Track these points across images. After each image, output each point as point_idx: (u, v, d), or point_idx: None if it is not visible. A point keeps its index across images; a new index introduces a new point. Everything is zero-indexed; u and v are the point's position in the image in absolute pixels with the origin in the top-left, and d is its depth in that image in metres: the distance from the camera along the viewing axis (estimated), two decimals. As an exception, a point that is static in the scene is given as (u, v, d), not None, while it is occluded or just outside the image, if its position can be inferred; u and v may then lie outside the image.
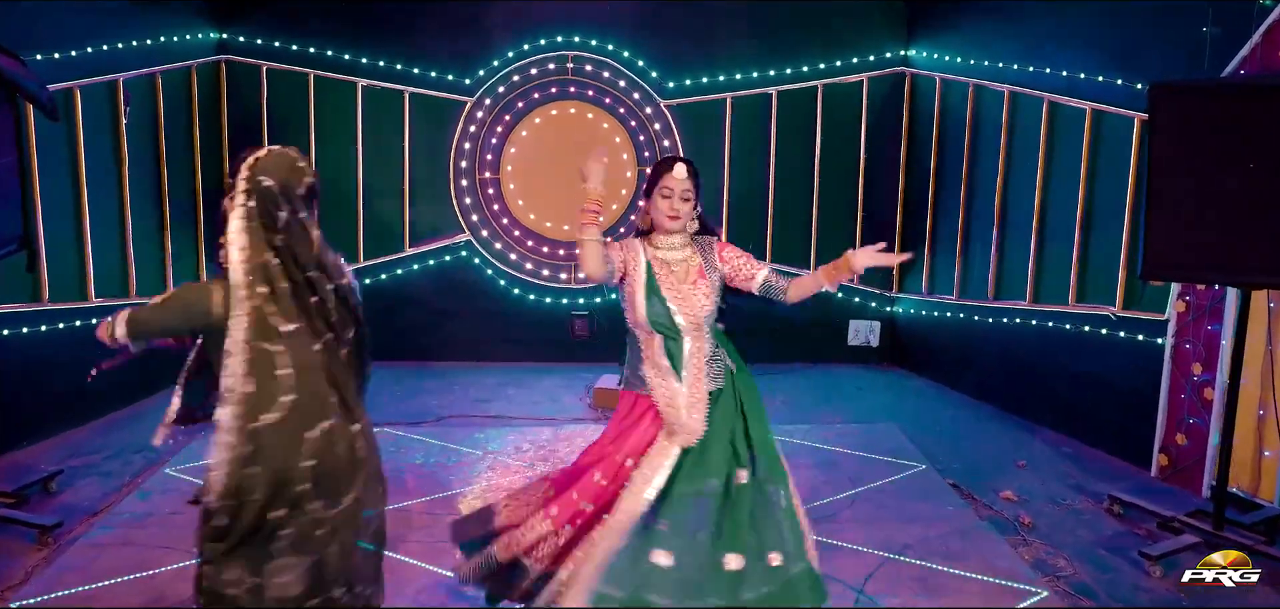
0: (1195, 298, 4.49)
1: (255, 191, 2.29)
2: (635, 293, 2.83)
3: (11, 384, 4.68)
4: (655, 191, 2.90)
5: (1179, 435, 4.59)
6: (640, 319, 2.83)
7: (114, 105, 5.30)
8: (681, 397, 2.78)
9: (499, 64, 6.25)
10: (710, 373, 2.84)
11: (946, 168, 6.12)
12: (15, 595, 3.40)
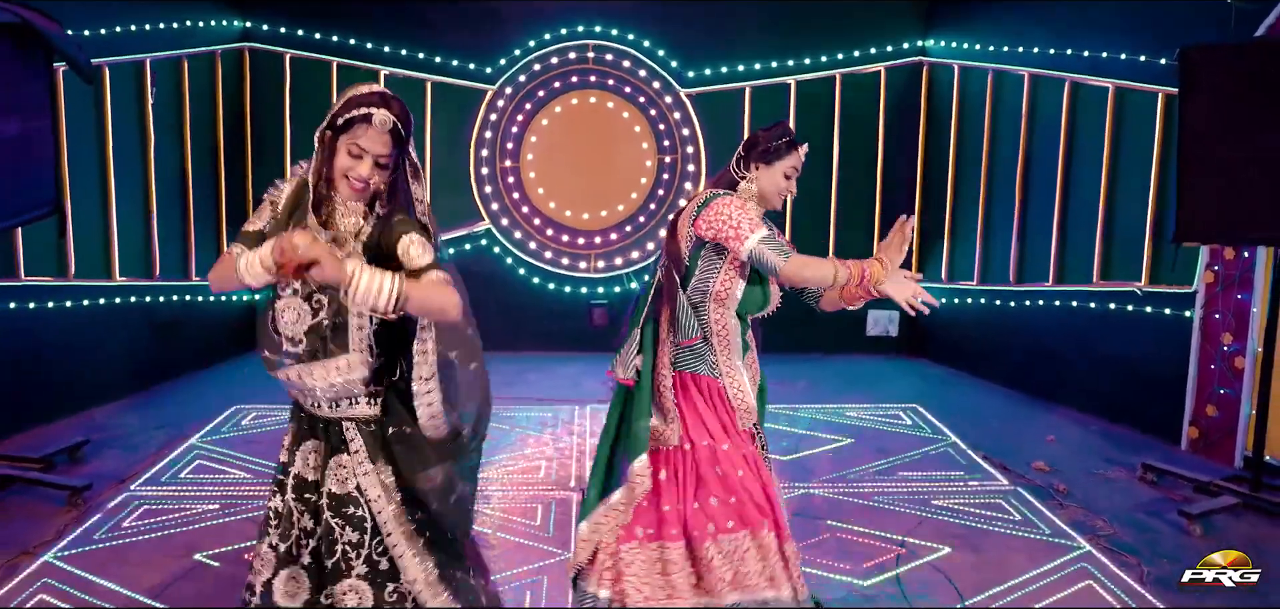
0: (1224, 268, 4.50)
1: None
2: (737, 270, 2.59)
3: (37, 360, 4.65)
4: (777, 164, 2.62)
5: (1209, 407, 4.58)
6: (735, 296, 2.60)
7: (140, 86, 5.32)
8: (745, 378, 2.65)
9: (520, 53, 6.29)
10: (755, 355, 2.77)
11: (965, 155, 6.14)
12: (47, 550, 3.37)
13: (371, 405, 2.21)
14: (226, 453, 4.41)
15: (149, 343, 5.50)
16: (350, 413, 2.20)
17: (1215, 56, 3.82)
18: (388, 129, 2.10)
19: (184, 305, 5.78)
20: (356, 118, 2.11)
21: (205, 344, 5.98)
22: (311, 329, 2.13)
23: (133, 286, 5.34)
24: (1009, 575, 3.29)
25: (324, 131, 2.16)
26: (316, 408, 2.21)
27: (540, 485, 4.14)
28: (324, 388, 2.17)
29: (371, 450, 2.20)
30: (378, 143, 2.12)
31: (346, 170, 2.13)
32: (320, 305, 2.13)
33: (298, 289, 2.12)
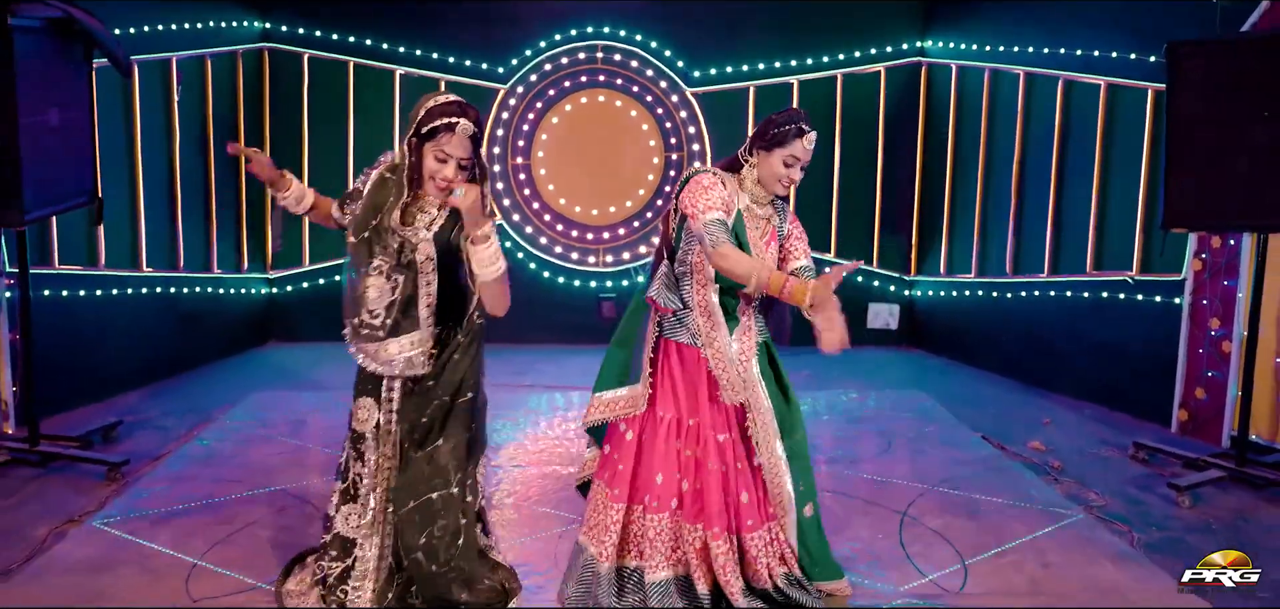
0: (1211, 256, 4.69)
1: None
2: None
3: (70, 346, 4.81)
4: (776, 151, 2.73)
5: (1198, 390, 4.76)
6: (709, 271, 2.74)
7: (166, 84, 5.50)
8: (732, 351, 2.77)
9: (531, 53, 6.48)
10: (761, 330, 2.89)
11: (963, 151, 6.34)
12: (92, 518, 3.54)
13: (427, 365, 2.64)
14: (254, 432, 4.58)
15: (174, 332, 5.67)
16: (409, 372, 2.63)
17: (1201, 51, 4.02)
18: (469, 136, 2.51)
19: (206, 297, 5.96)
20: (441, 127, 2.50)
21: (226, 335, 6.16)
22: (390, 305, 2.56)
23: (158, 277, 5.51)
24: (1005, 539, 3.47)
25: (410, 138, 2.55)
26: (379, 369, 2.63)
27: (556, 460, 4.30)
28: (386, 359, 2.60)
29: (402, 410, 2.69)
30: (460, 148, 2.51)
31: (433, 173, 2.54)
32: (396, 284, 2.57)
33: (380, 268, 2.56)
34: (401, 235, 2.57)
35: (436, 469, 2.66)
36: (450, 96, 2.57)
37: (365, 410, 2.70)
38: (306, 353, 6.13)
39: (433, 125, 2.49)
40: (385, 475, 2.71)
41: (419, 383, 2.66)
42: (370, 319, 2.57)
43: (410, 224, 2.58)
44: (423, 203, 2.60)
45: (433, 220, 2.59)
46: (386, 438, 2.70)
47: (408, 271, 2.57)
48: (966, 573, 3.21)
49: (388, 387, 2.68)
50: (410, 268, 2.57)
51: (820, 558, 2.99)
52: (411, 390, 2.67)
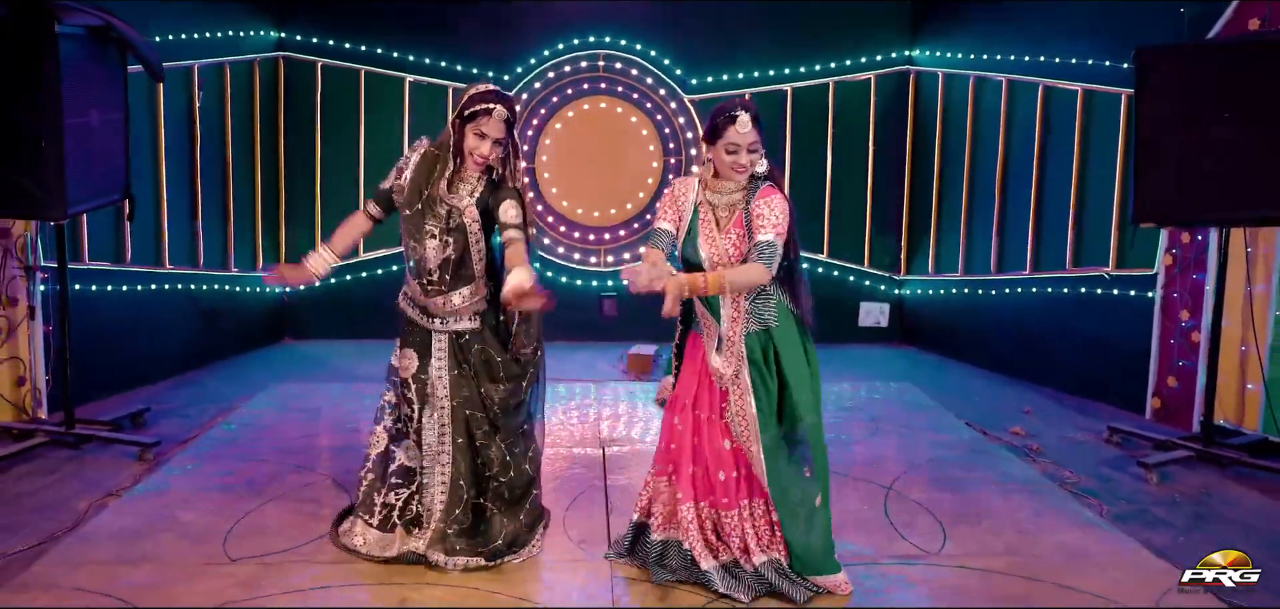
0: (1181, 251, 4.96)
1: None
2: (681, 236, 2.95)
3: (98, 338, 5.04)
4: (718, 143, 2.87)
5: (1170, 379, 5.02)
6: (681, 258, 2.97)
7: (188, 90, 5.76)
8: (716, 338, 2.93)
9: (535, 62, 6.75)
10: (752, 318, 2.93)
11: (949, 155, 6.61)
12: (127, 493, 3.78)
13: (472, 321, 3.14)
14: (274, 418, 4.82)
15: (195, 328, 5.92)
16: (455, 327, 3.13)
17: (1167, 56, 4.29)
18: (504, 120, 3.00)
19: (225, 294, 6.21)
20: (480, 111, 2.98)
21: (242, 331, 6.40)
22: (444, 262, 3.05)
23: (180, 275, 5.76)
24: (984, 510, 3.72)
25: (454, 120, 3.03)
26: (429, 323, 3.14)
27: (561, 444, 4.55)
28: (453, 309, 3.08)
29: (451, 357, 3.15)
30: (496, 128, 2.99)
31: (472, 149, 3.01)
32: (448, 244, 3.05)
33: (432, 232, 3.04)
34: (448, 203, 3.04)
35: (521, 404, 3.23)
36: (491, 86, 3.04)
37: (408, 359, 3.18)
38: (318, 349, 6.39)
39: (474, 109, 2.97)
40: (442, 415, 3.16)
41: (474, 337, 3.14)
42: (430, 277, 3.06)
43: (454, 193, 3.04)
44: (464, 174, 3.05)
45: (473, 188, 3.06)
46: (439, 383, 3.15)
47: (458, 234, 3.04)
48: (946, 537, 3.46)
49: (438, 339, 3.15)
50: (460, 230, 3.04)
51: (821, 550, 3.01)
52: (467, 341, 3.14)
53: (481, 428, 3.16)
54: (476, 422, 3.16)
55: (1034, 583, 3.09)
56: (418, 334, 3.18)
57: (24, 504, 3.67)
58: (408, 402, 3.19)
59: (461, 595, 2.98)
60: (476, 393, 3.15)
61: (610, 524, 3.55)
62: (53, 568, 3.08)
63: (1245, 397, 4.67)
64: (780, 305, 2.98)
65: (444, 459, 3.19)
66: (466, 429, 3.16)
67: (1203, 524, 3.68)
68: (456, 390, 3.14)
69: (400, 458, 3.22)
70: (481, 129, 2.97)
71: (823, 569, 3.02)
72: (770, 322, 2.95)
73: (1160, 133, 4.27)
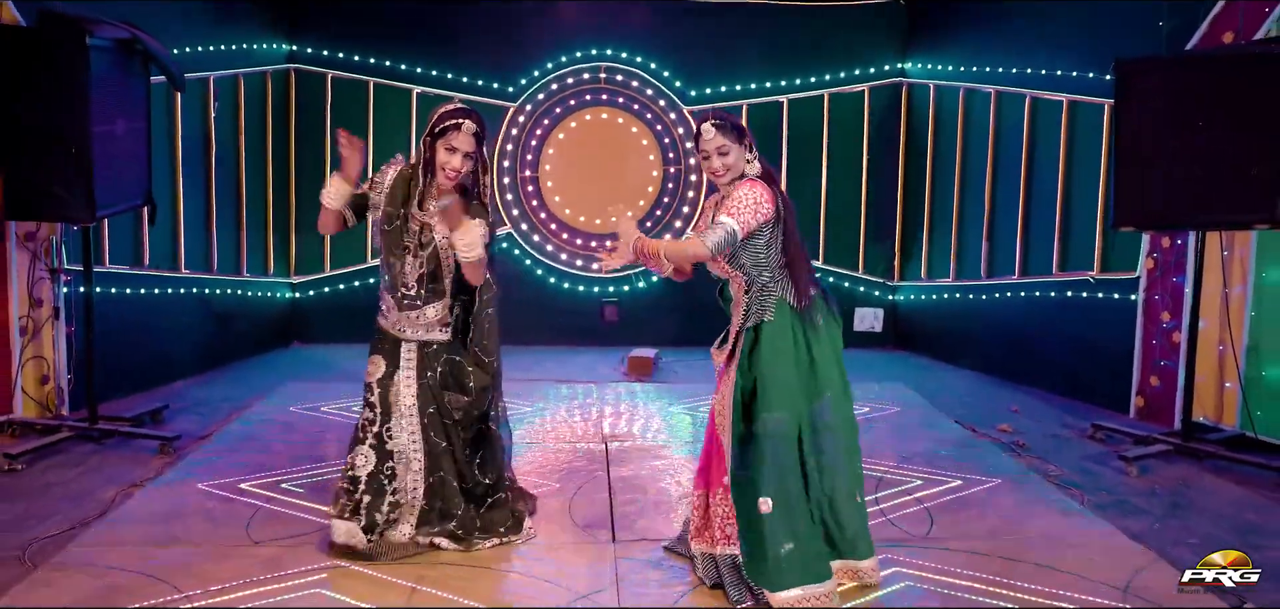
0: (1162, 255, 5.15)
1: None
2: None
3: (117, 339, 5.21)
4: (699, 154, 3.05)
5: (1152, 378, 5.20)
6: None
7: (204, 100, 5.96)
8: (729, 335, 3.05)
9: (539, 74, 6.95)
10: (749, 314, 2.98)
11: (940, 164, 6.81)
12: (152, 483, 3.95)
13: (443, 333, 3.28)
14: (287, 417, 5.00)
15: (208, 331, 6.11)
16: (427, 337, 3.25)
17: (1145, 67, 4.48)
18: (472, 133, 3.13)
19: (236, 299, 6.39)
20: (449, 126, 3.11)
21: (254, 335, 6.59)
22: (420, 277, 3.20)
23: (195, 279, 5.95)
24: (971, 503, 3.90)
25: (424, 139, 3.15)
26: (401, 333, 3.24)
27: (562, 440, 4.73)
28: (427, 322, 3.22)
29: (419, 368, 3.27)
30: (465, 142, 3.12)
31: (443, 164, 3.12)
32: (423, 261, 3.20)
33: (408, 248, 3.18)
34: (421, 221, 3.17)
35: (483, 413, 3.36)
36: (458, 103, 3.23)
37: (375, 366, 3.29)
38: (327, 353, 6.56)
39: (444, 125, 3.10)
40: (412, 421, 3.26)
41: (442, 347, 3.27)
42: (407, 291, 3.21)
43: (427, 211, 3.16)
44: (437, 192, 3.15)
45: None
46: (407, 390, 3.25)
47: (429, 250, 3.17)
48: (932, 522, 3.64)
49: (406, 348, 3.26)
50: (431, 245, 3.17)
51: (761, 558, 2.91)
52: (435, 351, 3.26)
53: (446, 434, 3.28)
54: (440, 428, 3.27)
55: (1014, 562, 3.26)
56: (387, 342, 3.29)
57: (53, 493, 3.84)
58: (371, 405, 3.28)
59: (473, 573, 3.14)
60: (442, 402, 3.26)
61: (613, 511, 3.72)
62: (87, 549, 3.25)
63: (1224, 395, 4.84)
64: (780, 302, 2.97)
65: (416, 465, 3.27)
66: (434, 434, 3.27)
67: (1178, 513, 3.86)
68: (423, 399, 3.25)
69: (369, 464, 3.25)
70: (452, 143, 3.08)
71: (761, 580, 2.89)
72: (766, 317, 2.96)
73: (1138, 140, 4.46)
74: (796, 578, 2.86)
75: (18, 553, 3.22)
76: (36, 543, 3.31)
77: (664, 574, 3.18)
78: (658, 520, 3.64)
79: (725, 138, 2.95)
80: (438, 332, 3.26)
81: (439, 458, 3.29)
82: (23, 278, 4.64)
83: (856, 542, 3.06)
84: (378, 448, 3.26)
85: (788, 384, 2.94)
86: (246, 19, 6.37)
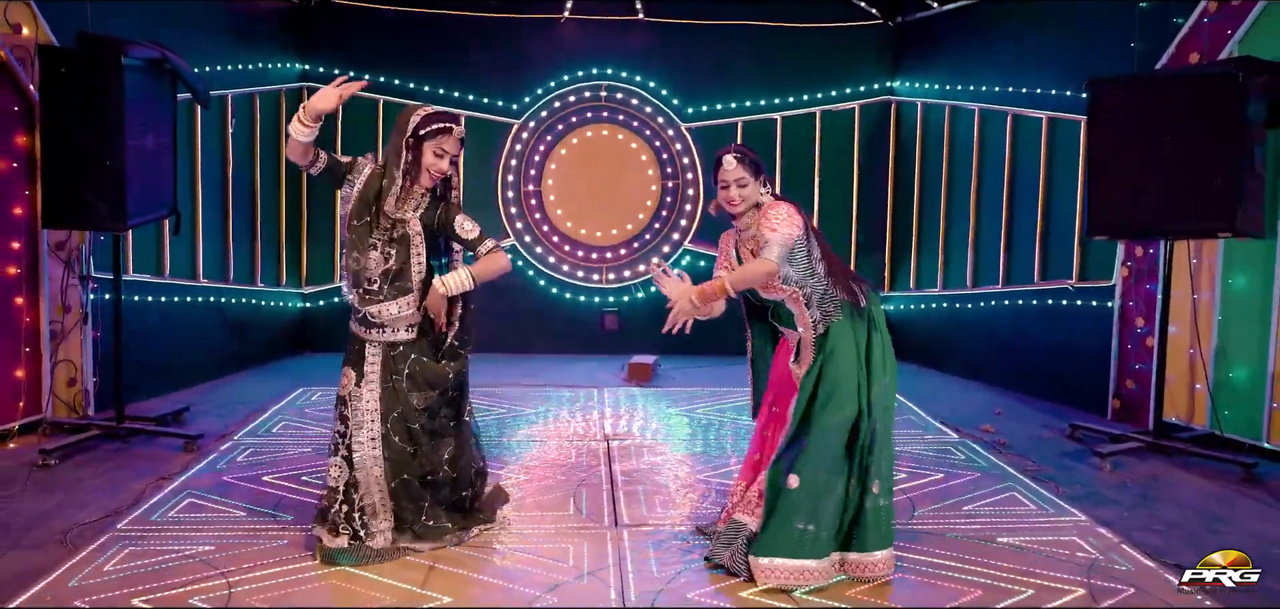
0: (1136, 263, 5.41)
1: None
2: None
3: (139, 345, 5.44)
4: (717, 185, 3.17)
5: (1128, 381, 5.46)
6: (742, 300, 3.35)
7: (222, 118, 6.23)
8: (795, 346, 3.26)
9: (542, 92, 7.23)
10: (819, 322, 3.16)
11: (927, 178, 7.09)
12: (179, 477, 4.19)
13: (408, 332, 3.26)
14: (302, 419, 5.24)
15: (224, 338, 6.35)
16: (394, 338, 3.24)
17: (1114, 86, 4.76)
18: (460, 139, 3.20)
19: (250, 308, 6.64)
20: (440, 129, 3.13)
21: (267, 343, 6.83)
22: (384, 272, 3.19)
23: (212, 288, 6.20)
24: (952, 493, 4.14)
25: (408, 140, 3.13)
26: (369, 334, 3.23)
27: (564, 438, 4.96)
28: (390, 317, 3.19)
29: (383, 372, 3.26)
30: (455, 146, 3.17)
31: (430, 166, 3.14)
32: (390, 256, 3.19)
33: (375, 244, 3.17)
34: (394, 217, 3.17)
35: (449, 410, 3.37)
36: (436, 107, 3.22)
37: (346, 377, 3.29)
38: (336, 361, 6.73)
39: (434, 127, 3.11)
40: (372, 427, 3.25)
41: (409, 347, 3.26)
42: (369, 286, 3.19)
43: (401, 210, 3.17)
44: (412, 193, 3.17)
45: (418, 205, 3.20)
46: (370, 395, 3.24)
47: (401, 246, 3.18)
48: (914, 507, 3.88)
49: (371, 353, 3.26)
50: (403, 242, 3.18)
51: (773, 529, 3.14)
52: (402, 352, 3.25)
53: (411, 438, 3.27)
54: (404, 433, 3.26)
55: (990, 545, 3.50)
56: (356, 347, 3.29)
57: (87, 486, 4.07)
58: (343, 418, 3.27)
59: (486, 553, 3.38)
60: (406, 403, 3.24)
61: (614, 501, 3.96)
62: (126, 532, 3.49)
63: (1194, 396, 5.10)
64: (843, 304, 3.17)
65: (377, 471, 3.26)
66: (398, 439, 3.26)
67: (1146, 503, 4.10)
68: (387, 404, 3.24)
69: (344, 475, 3.27)
70: (442, 146, 3.10)
71: (759, 550, 3.12)
72: (834, 319, 3.17)
73: (1109, 154, 4.73)
74: (791, 552, 3.09)
75: (60, 537, 3.46)
76: (77, 528, 3.54)
77: (663, 554, 3.41)
78: (656, 509, 3.88)
79: (744, 170, 3.13)
80: (403, 331, 3.24)
81: (403, 463, 3.26)
82: (55, 285, 4.89)
83: (867, 536, 3.18)
84: (349, 458, 3.26)
85: (851, 380, 3.14)
86: (263, 40, 6.65)
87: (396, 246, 3.15)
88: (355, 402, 3.25)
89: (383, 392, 3.25)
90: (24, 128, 4.69)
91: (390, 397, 3.25)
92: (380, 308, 3.18)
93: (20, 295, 4.75)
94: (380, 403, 3.24)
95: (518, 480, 4.22)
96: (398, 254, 3.16)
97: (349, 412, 3.25)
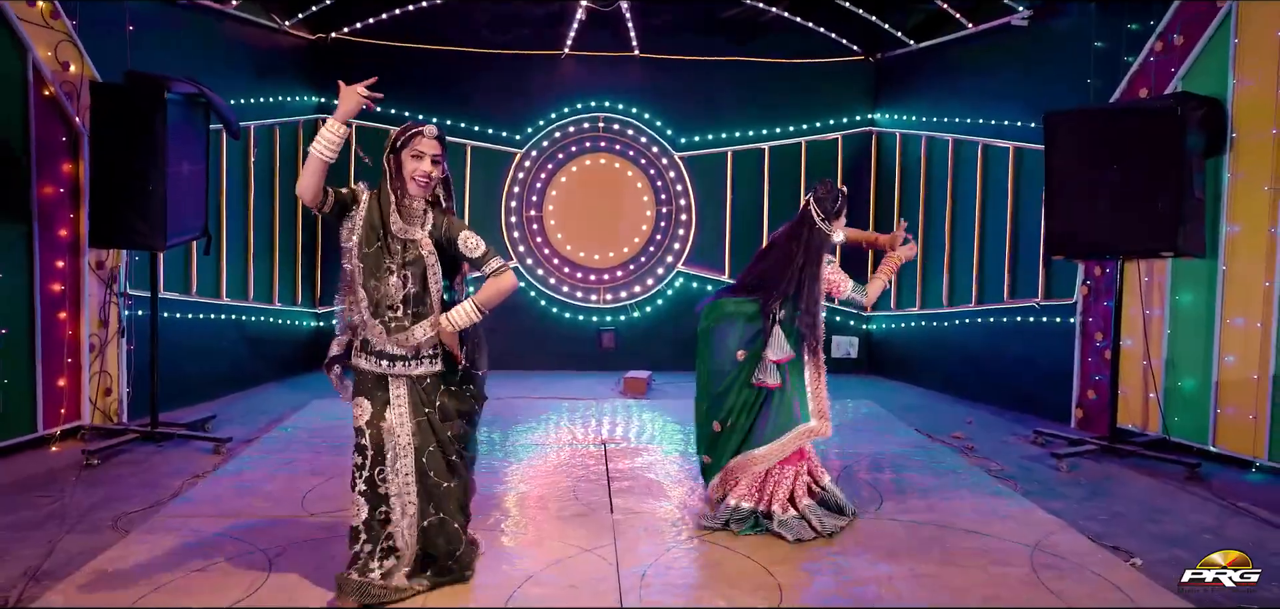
0: (1094, 282, 5.83)
1: None
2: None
3: (167, 359, 5.83)
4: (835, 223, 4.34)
5: (1090, 391, 5.86)
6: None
7: (245, 147, 6.66)
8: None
9: (543, 123, 7.68)
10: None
11: (907, 203, 7.52)
12: (213, 473, 4.57)
13: (432, 363, 3.14)
14: (321, 427, 5.62)
15: (243, 353, 6.75)
16: (416, 370, 3.11)
17: (1069, 118, 5.20)
18: (436, 136, 3.09)
19: (269, 325, 7.04)
20: (412, 133, 3.07)
21: (283, 359, 7.22)
22: (405, 297, 3.07)
23: (234, 306, 6.60)
24: (917, 486, 4.53)
25: (388, 157, 3.09)
26: (386, 369, 3.10)
27: (566, 445, 5.35)
28: (414, 344, 3.06)
29: (413, 406, 3.15)
30: (431, 145, 3.07)
31: (412, 171, 3.04)
32: (407, 279, 3.08)
33: (391, 268, 3.05)
34: (403, 238, 3.06)
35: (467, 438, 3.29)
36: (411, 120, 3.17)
37: (361, 408, 3.16)
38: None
39: (406, 135, 3.07)
40: (407, 461, 3.16)
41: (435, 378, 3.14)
42: (393, 313, 3.06)
43: (408, 227, 3.06)
44: (410, 206, 3.07)
45: (422, 221, 3.10)
46: (402, 429, 3.14)
47: (416, 266, 3.06)
48: (882, 500, 4.27)
49: (395, 386, 3.12)
50: (418, 262, 3.06)
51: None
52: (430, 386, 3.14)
53: (450, 471, 3.21)
54: (443, 467, 3.19)
55: (947, 529, 3.89)
56: (370, 381, 3.15)
57: (126, 483, 4.46)
58: (361, 450, 3.15)
59: (489, 534, 3.76)
60: (443, 437, 3.17)
61: (611, 493, 4.34)
62: (169, 519, 3.87)
63: (1147, 404, 5.50)
64: None
65: (411, 509, 3.18)
66: (434, 474, 3.18)
67: (1096, 498, 4.49)
68: (422, 438, 3.15)
69: (362, 512, 3.18)
70: (418, 149, 3.02)
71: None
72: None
73: (1064, 180, 5.17)
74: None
75: (110, 523, 3.84)
76: (125, 515, 3.92)
77: (654, 535, 3.80)
78: (648, 499, 4.27)
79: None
80: (427, 363, 3.13)
81: (441, 498, 3.18)
82: (95, 302, 5.29)
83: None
84: (369, 493, 3.16)
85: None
86: (282, 74, 7.10)
87: (412, 268, 3.04)
88: (382, 431, 3.14)
89: (416, 425, 3.15)
90: (70, 157, 5.11)
91: (425, 431, 3.15)
92: (407, 334, 3.06)
93: (63, 310, 5.15)
94: (413, 436, 3.14)
95: (520, 477, 4.60)
96: (414, 274, 3.05)
97: (367, 441, 3.14)
